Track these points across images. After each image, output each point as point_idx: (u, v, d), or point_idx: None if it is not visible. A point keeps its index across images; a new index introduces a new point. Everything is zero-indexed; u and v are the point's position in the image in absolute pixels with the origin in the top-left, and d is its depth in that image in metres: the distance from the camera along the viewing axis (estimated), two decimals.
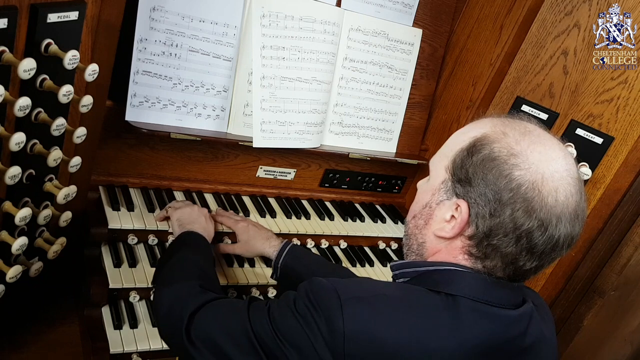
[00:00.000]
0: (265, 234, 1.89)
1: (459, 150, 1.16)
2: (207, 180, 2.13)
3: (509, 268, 1.13)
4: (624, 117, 1.93)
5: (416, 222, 1.26)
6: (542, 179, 1.07)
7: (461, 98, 2.36)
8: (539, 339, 1.21)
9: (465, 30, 2.37)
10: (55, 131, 1.32)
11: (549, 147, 1.11)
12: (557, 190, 1.07)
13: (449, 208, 1.16)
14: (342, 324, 1.07)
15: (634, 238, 2.04)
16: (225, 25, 1.89)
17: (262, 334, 1.19)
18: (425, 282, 1.17)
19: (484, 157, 1.11)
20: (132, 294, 1.75)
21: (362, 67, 2.22)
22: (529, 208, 1.06)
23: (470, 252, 1.15)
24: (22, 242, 1.32)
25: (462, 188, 1.13)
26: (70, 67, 1.27)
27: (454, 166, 1.16)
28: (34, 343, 1.68)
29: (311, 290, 1.14)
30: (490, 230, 1.10)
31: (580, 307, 2.21)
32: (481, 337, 1.11)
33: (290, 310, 1.16)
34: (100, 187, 1.91)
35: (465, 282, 1.14)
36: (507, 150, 1.10)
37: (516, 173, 1.07)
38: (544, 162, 1.08)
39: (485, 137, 1.13)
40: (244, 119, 2.02)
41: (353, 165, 2.38)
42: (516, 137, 1.11)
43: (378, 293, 1.14)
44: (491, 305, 1.13)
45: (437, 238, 1.20)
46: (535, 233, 1.07)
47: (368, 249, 2.31)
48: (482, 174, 1.10)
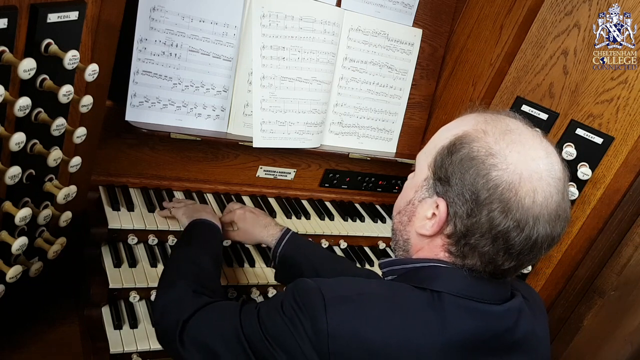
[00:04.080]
0: (264, 221, 1.89)
1: (440, 148, 1.16)
2: (207, 180, 2.13)
3: (488, 267, 1.13)
4: (624, 117, 1.93)
5: (400, 218, 1.26)
6: (519, 179, 1.06)
7: (461, 98, 2.36)
8: (529, 332, 1.21)
9: (465, 30, 2.36)
10: (55, 131, 1.32)
11: (529, 147, 1.10)
12: (536, 191, 1.06)
13: (430, 206, 1.16)
14: (326, 323, 1.07)
15: (634, 238, 2.04)
16: (225, 25, 1.89)
17: (251, 336, 1.20)
18: (411, 279, 1.18)
19: (463, 157, 1.10)
20: (132, 294, 1.75)
21: (362, 67, 2.22)
22: (505, 209, 1.06)
23: (449, 250, 1.15)
24: (22, 242, 1.32)
25: (442, 187, 1.13)
26: (70, 67, 1.27)
27: (435, 164, 1.16)
28: (34, 343, 1.68)
29: (297, 291, 1.15)
30: (467, 230, 1.10)
31: (580, 307, 2.21)
32: (466, 333, 1.11)
33: (278, 312, 1.16)
34: (100, 187, 1.91)
35: (449, 279, 1.14)
36: (485, 149, 1.09)
37: (494, 173, 1.07)
38: (523, 162, 1.07)
39: (466, 135, 1.13)
40: (244, 119, 2.02)
41: (353, 165, 2.38)
42: (496, 136, 1.10)
43: (363, 292, 1.14)
44: (475, 300, 1.13)
45: (419, 235, 1.20)
46: (511, 233, 1.07)
47: (368, 249, 2.31)
48: (460, 173, 1.10)
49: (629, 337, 2.43)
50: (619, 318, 2.32)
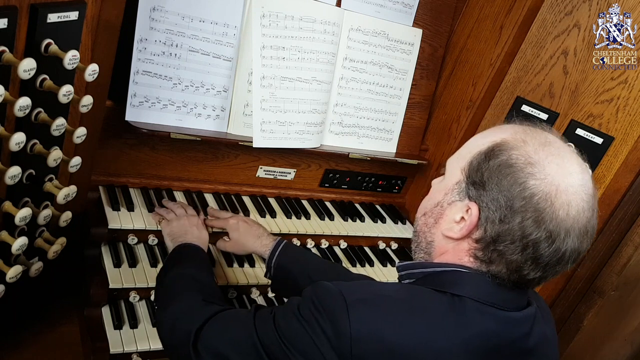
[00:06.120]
0: (256, 232, 1.88)
1: (477, 153, 1.16)
2: (207, 180, 2.13)
3: (513, 275, 1.13)
4: (624, 117, 1.93)
5: (426, 219, 1.26)
6: (556, 191, 1.07)
7: (461, 98, 2.36)
8: (542, 339, 1.21)
9: (465, 30, 2.37)
10: (55, 131, 1.32)
11: (567, 160, 1.11)
12: (570, 204, 1.07)
13: (460, 209, 1.16)
14: (349, 326, 1.07)
15: (634, 238, 2.04)
16: (225, 25, 1.89)
17: (268, 342, 1.19)
18: (432, 282, 1.18)
19: (501, 163, 1.11)
20: (132, 294, 1.75)
21: (362, 67, 2.22)
22: (539, 218, 1.07)
23: (476, 255, 1.15)
24: (22, 242, 1.32)
25: (476, 191, 1.13)
26: (70, 67, 1.27)
27: (470, 168, 1.16)
28: (34, 343, 1.68)
29: (315, 294, 1.15)
30: (497, 236, 1.10)
31: (580, 307, 2.21)
32: (486, 338, 1.11)
33: (295, 316, 1.16)
34: (100, 187, 1.91)
35: (471, 284, 1.14)
36: (524, 158, 1.09)
37: (531, 182, 1.07)
38: (561, 174, 1.08)
39: (505, 142, 1.13)
40: (244, 119, 2.02)
41: (353, 165, 2.38)
42: (535, 147, 1.11)
43: (383, 295, 1.14)
44: (496, 307, 1.14)
45: (445, 238, 1.20)
46: (542, 244, 1.08)
47: (368, 249, 2.31)
48: (497, 179, 1.10)
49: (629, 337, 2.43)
50: (619, 318, 2.32)
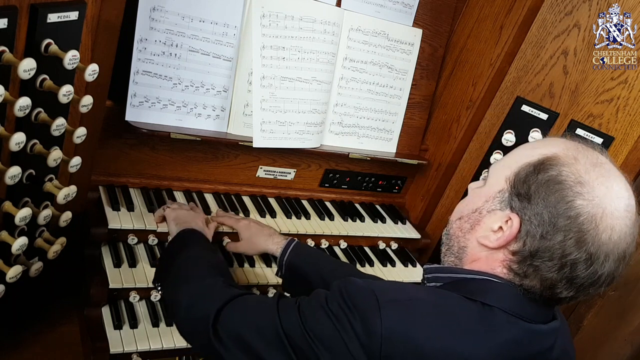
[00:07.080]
0: (268, 231, 1.89)
1: (525, 164, 1.15)
2: (207, 180, 2.13)
3: (546, 292, 1.13)
4: (624, 117, 1.93)
5: (461, 224, 1.25)
6: (602, 213, 1.06)
7: (461, 98, 2.36)
8: (564, 351, 1.22)
9: (465, 30, 2.37)
10: (55, 131, 1.32)
11: (616, 184, 1.10)
12: (613, 229, 1.07)
13: (500, 218, 1.15)
14: (380, 325, 1.07)
15: None
16: (225, 25, 1.89)
17: (291, 333, 1.18)
18: (460, 289, 1.17)
19: (550, 178, 1.09)
20: (132, 294, 1.75)
21: (362, 67, 2.22)
22: (581, 239, 1.06)
23: (510, 267, 1.15)
24: (22, 242, 1.32)
25: (520, 203, 1.12)
26: (70, 67, 1.27)
27: (516, 179, 1.15)
28: (34, 343, 1.68)
29: (346, 290, 1.14)
30: (536, 251, 1.10)
31: (580, 307, 2.21)
32: (512, 348, 1.11)
33: (323, 310, 1.15)
34: (100, 187, 1.91)
35: (502, 294, 1.14)
36: (575, 176, 1.08)
37: (578, 202, 1.06)
38: (609, 197, 1.07)
39: (556, 157, 1.12)
40: (244, 119, 2.02)
41: (353, 165, 2.38)
42: (586, 166, 1.10)
43: (414, 297, 1.14)
44: (524, 320, 1.13)
45: (480, 245, 1.19)
46: (580, 265, 1.07)
47: (368, 249, 2.31)
48: (545, 194, 1.09)
49: (628, 337, 2.43)
50: (619, 318, 2.32)
